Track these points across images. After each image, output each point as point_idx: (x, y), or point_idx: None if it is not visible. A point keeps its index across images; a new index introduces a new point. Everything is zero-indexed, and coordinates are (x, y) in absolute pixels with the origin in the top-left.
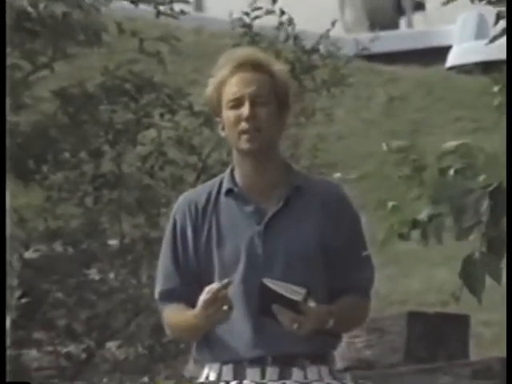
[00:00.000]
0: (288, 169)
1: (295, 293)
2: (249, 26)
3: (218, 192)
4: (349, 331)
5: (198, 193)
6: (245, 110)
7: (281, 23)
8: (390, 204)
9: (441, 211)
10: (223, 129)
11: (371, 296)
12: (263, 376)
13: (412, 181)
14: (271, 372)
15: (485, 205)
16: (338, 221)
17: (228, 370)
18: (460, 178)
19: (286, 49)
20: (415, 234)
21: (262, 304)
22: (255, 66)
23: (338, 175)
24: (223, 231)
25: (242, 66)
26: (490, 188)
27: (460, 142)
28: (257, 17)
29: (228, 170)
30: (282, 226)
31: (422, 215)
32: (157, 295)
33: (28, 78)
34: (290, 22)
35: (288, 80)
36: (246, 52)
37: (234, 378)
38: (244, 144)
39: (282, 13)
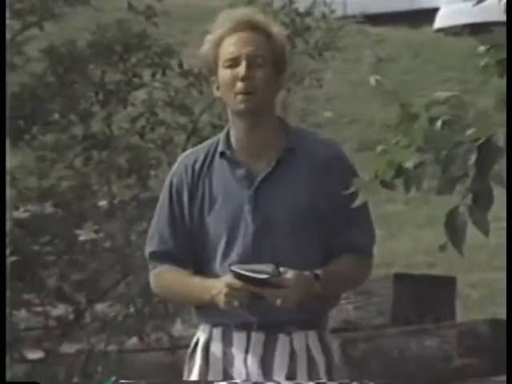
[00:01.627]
0: (284, 129)
1: (263, 271)
2: None
3: (213, 154)
4: (347, 291)
5: (195, 153)
6: (241, 69)
7: None
8: (379, 148)
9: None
10: (218, 88)
11: (372, 252)
12: (248, 341)
13: (399, 128)
14: (256, 337)
15: (473, 157)
16: (329, 180)
17: (217, 333)
18: (447, 130)
19: (281, 12)
20: (397, 183)
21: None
22: (254, 27)
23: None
24: (216, 195)
25: (241, 25)
26: (479, 142)
27: (451, 93)
28: None
29: (224, 131)
30: (272, 189)
31: (408, 163)
32: (148, 254)
33: (16, 38)
34: None
35: (285, 42)
36: (245, 12)
37: (222, 341)
38: (239, 104)
39: None
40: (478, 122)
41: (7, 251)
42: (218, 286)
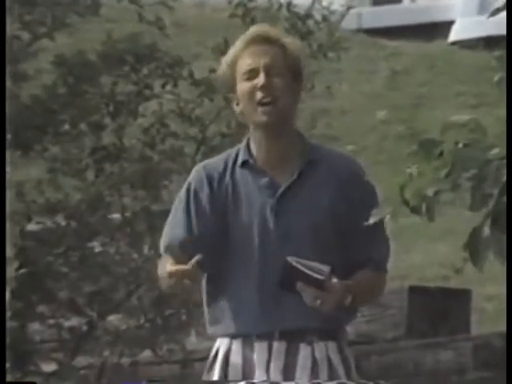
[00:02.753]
0: (303, 141)
1: (319, 271)
2: None
3: (234, 163)
4: (365, 305)
5: (214, 163)
6: (260, 79)
7: None
8: (408, 171)
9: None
10: (238, 104)
11: (387, 269)
12: (270, 350)
13: (417, 156)
14: (278, 347)
15: (505, 174)
16: (351, 194)
17: (237, 344)
18: (472, 151)
19: (281, 17)
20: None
21: (286, 281)
22: (267, 40)
23: (350, 147)
24: (239, 202)
25: (255, 39)
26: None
27: (469, 116)
28: None
29: (244, 142)
30: (295, 199)
31: (429, 191)
32: (163, 249)
33: (28, 48)
34: None
35: (300, 52)
36: (256, 28)
37: (243, 352)
38: (261, 116)
39: None
40: (499, 142)
41: (17, 264)
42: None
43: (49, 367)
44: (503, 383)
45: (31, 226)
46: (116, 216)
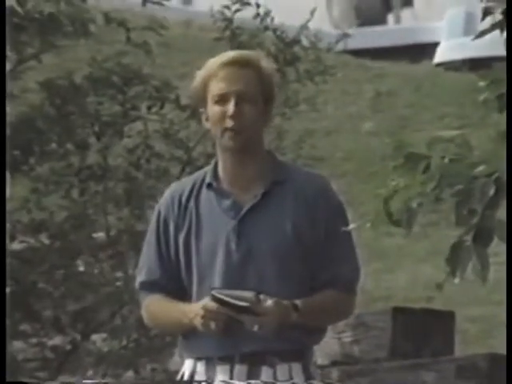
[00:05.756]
0: (271, 162)
1: (243, 299)
2: (230, 20)
3: (201, 185)
4: (329, 325)
5: (183, 185)
6: (230, 107)
7: (257, 14)
8: (392, 184)
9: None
10: (207, 120)
11: (356, 290)
12: (232, 373)
13: (402, 169)
14: (239, 370)
15: (492, 190)
16: (315, 214)
17: (201, 366)
18: (458, 166)
19: (267, 41)
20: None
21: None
22: (242, 63)
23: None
24: (202, 225)
25: (230, 62)
26: (494, 176)
27: (456, 132)
28: (238, 10)
29: (212, 163)
30: (258, 220)
31: (413, 203)
32: (138, 285)
33: (15, 69)
34: (267, 14)
35: (274, 76)
36: (235, 52)
37: (206, 375)
38: (227, 141)
39: (258, 6)
40: (487, 159)
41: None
42: (194, 309)
43: None
44: None
45: (15, 245)
46: (100, 235)
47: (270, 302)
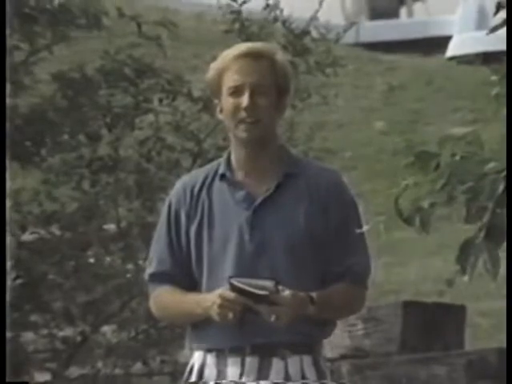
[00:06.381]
0: (285, 154)
1: (263, 287)
2: (238, 12)
3: (214, 176)
4: (341, 318)
5: (194, 176)
6: (244, 99)
7: (267, 5)
8: (404, 183)
9: (441, 199)
10: (221, 111)
11: (367, 284)
12: (243, 365)
13: (414, 167)
14: (250, 362)
15: (501, 187)
16: (327, 207)
17: (211, 358)
18: (468, 164)
19: (277, 33)
20: (416, 219)
21: None
22: (257, 55)
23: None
24: (214, 216)
25: (244, 54)
26: (503, 173)
27: (467, 129)
28: (244, 2)
29: (225, 155)
30: (271, 212)
31: (424, 202)
32: (148, 276)
33: (27, 60)
34: (276, 5)
35: (288, 67)
36: (249, 44)
37: (217, 367)
38: (241, 133)
39: None
40: (497, 156)
41: (14, 274)
42: (210, 299)
43: (42, 377)
44: None
45: (26, 237)
46: (111, 226)
47: (287, 293)
